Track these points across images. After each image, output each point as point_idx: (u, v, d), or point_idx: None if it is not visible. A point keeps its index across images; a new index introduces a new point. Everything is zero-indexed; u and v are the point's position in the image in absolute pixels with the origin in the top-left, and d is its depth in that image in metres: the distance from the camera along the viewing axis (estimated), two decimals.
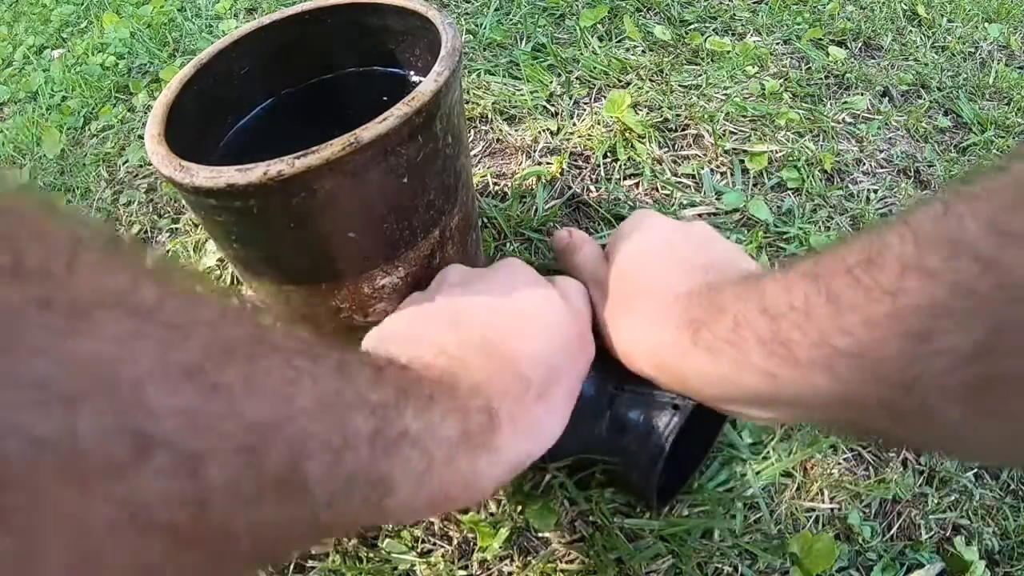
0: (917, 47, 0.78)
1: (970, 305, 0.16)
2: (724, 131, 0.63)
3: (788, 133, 0.64)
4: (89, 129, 0.78)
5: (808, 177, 0.59)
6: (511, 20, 0.78)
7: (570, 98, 0.67)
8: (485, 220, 0.56)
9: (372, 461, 0.19)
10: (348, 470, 0.18)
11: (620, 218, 0.55)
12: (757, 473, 0.42)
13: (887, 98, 0.71)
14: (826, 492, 0.42)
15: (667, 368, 0.30)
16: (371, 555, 0.39)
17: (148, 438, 0.13)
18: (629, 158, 0.60)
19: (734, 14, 0.81)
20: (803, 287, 0.22)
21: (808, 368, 0.21)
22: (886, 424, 0.20)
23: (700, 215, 0.56)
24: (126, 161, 0.72)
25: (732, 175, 0.59)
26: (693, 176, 0.59)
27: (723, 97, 0.67)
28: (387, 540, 0.40)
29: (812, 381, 0.21)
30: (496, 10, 0.80)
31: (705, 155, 0.61)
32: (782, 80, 0.70)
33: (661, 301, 0.30)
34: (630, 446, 0.35)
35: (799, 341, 0.21)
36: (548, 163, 0.60)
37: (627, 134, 0.62)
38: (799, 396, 0.23)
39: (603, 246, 0.39)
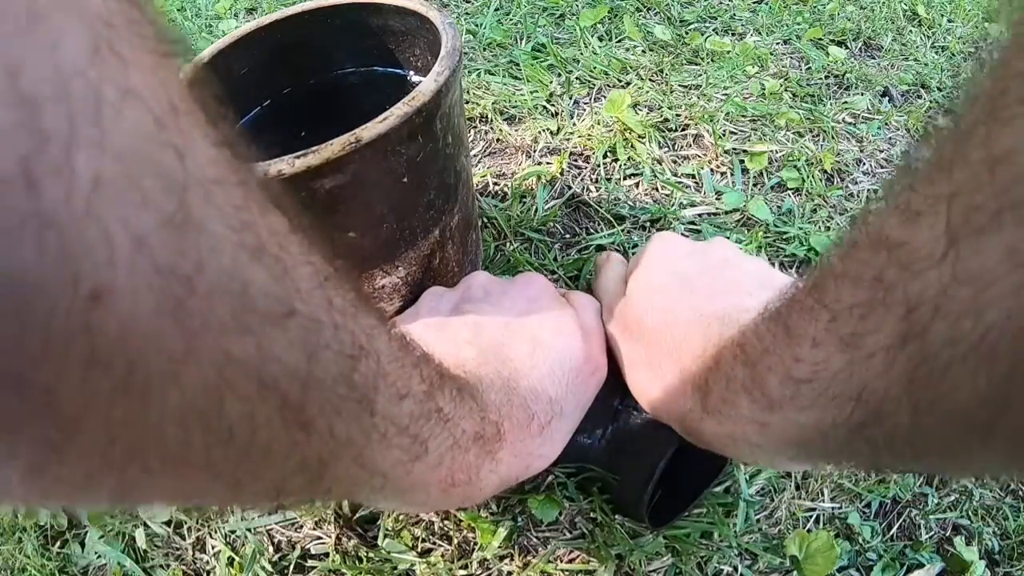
0: (917, 47, 0.78)
1: (883, 296, 0.16)
2: (724, 131, 0.63)
3: (788, 133, 0.64)
4: None
5: (808, 177, 0.59)
6: (511, 20, 0.78)
7: (570, 98, 0.67)
8: (485, 220, 0.56)
9: (418, 420, 0.22)
10: (404, 416, 0.21)
11: (620, 218, 0.55)
12: (756, 473, 0.42)
13: (887, 98, 0.71)
14: (826, 492, 0.42)
15: (689, 431, 0.31)
16: (371, 555, 0.39)
17: (292, 310, 0.15)
18: (629, 158, 0.60)
19: (734, 14, 0.81)
20: (770, 327, 0.22)
21: (782, 407, 0.22)
22: (861, 447, 0.20)
23: (700, 215, 0.56)
24: None
25: (732, 175, 0.59)
26: (693, 176, 0.59)
27: (723, 97, 0.67)
28: (387, 540, 0.40)
29: (790, 419, 0.22)
30: (496, 10, 0.80)
31: (705, 155, 0.61)
32: (782, 80, 0.70)
33: (679, 365, 0.30)
34: (624, 466, 0.35)
35: (771, 382, 0.22)
36: (548, 163, 0.60)
37: (627, 134, 0.62)
38: (788, 437, 0.23)
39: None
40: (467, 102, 0.66)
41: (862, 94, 0.70)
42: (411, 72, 0.44)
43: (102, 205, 0.11)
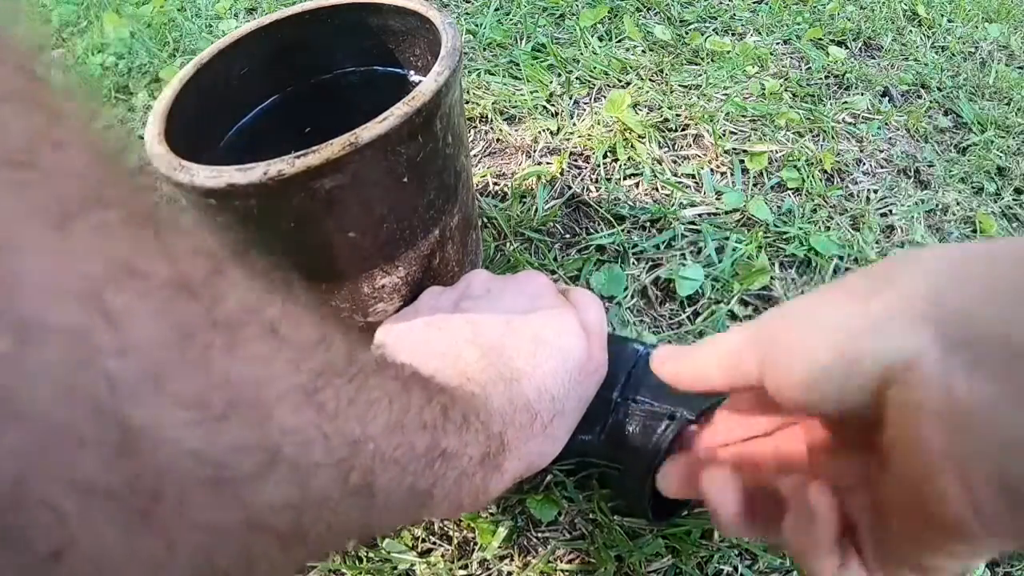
0: (917, 47, 0.78)
1: None
2: (724, 131, 0.63)
3: (788, 133, 0.64)
4: None
5: (808, 177, 0.59)
6: (511, 20, 0.78)
7: (570, 98, 0.67)
8: (485, 220, 0.56)
9: (422, 474, 0.21)
10: (407, 483, 0.20)
11: (620, 218, 0.55)
12: None
13: (887, 98, 0.71)
14: None
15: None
16: (371, 555, 0.39)
17: (276, 453, 0.14)
18: (629, 158, 0.60)
19: (734, 14, 0.81)
20: None
21: None
22: None
23: (700, 215, 0.56)
24: None
25: (732, 175, 0.59)
26: (693, 176, 0.59)
27: (723, 97, 0.67)
28: (387, 540, 0.40)
29: None
30: (496, 10, 0.80)
31: (705, 155, 0.61)
32: (782, 80, 0.70)
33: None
34: (625, 457, 0.35)
35: None
36: (548, 163, 0.60)
37: (627, 134, 0.62)
38: None
39: None
40: (467, 102, 0.66)
41: (862, 94, 0.70)
42: (411, 72, 0.44)
43: (33, 480, 0.10)
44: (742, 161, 0.60)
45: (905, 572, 0.19)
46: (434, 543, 0.40)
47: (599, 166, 0.60)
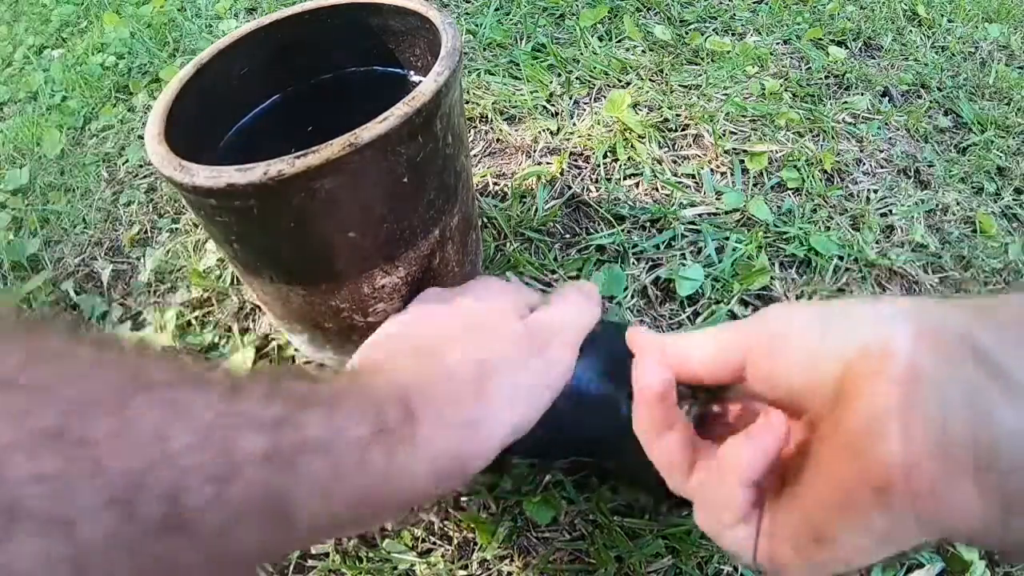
0: (917, 47, 0.78)
1: None
2: (724, 131, 0.63)
3: (788, 133, 0.64)
4: (89, 129, 0.78)
5: (808, 177, 0.59)
6: (511, 20, 0.78)
7: (570, 98, 0.67)
8: (485, 220, 0.56)
9: (267, 480, 0.19)
10: (238, 495, 0.18)
11: (620, 218, 0.55)
12: None
13: (887, 98, 0.71)
14: None
15: None
16: (371, 555, 0.39)
17: (15, 508, 0.13)
18: (629, 158, 0.60)
19: (734, 14, 0.81)
20: None
21: None
22: None
23: (700, 215, 0.56)
24: (126, 161, 0.72)
25: (732, 175, 0.59)
26: (693, 176, 0.59)
27: (723, 97, 0.67)
28: (387, 540, 0.40)
29: None
30: (496, 10, 0.80)
31: (705, 155, 0.61)
32: (782, 80, 0.70)
33: None
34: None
35: None
36: (548, 163, 0.60)
37: (627, 134, 0.62)
38: None
39: None
40: (467, 102, 0.66)
41: (862, 94, 0.70)
42: (411, 72, 0.44)
43: None
44: (742, 161, 0.60)
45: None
46: (434, 543, 0.40)
47: (599, 166, 0.60)
